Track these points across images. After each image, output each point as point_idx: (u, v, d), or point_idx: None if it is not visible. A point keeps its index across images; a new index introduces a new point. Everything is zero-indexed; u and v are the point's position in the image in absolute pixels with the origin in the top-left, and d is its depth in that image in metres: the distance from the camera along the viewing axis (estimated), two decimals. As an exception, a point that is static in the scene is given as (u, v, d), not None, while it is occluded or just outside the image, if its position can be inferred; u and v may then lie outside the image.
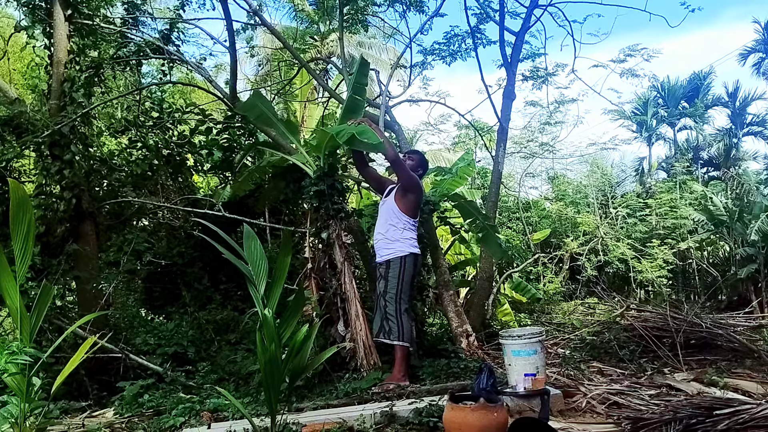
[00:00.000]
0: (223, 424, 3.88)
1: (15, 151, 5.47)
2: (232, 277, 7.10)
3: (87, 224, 6.00)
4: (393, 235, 4.81)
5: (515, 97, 7.42)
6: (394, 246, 4.80)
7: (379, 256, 4.90)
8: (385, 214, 4.91)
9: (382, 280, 4.80)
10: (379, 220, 5.00)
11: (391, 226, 4.84)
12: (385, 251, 4.84)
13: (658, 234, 11.86)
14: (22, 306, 2.57)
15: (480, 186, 13.66)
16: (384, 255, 4.84)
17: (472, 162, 8.63)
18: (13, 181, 2.57)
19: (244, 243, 2.88)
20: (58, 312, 5.42)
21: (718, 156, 22.68)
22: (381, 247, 4.89)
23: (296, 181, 6.68)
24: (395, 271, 4.76)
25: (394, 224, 4.82)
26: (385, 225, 4.88)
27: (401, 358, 4.68)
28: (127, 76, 7.51)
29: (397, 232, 4.80)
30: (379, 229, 4.95)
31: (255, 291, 2.69)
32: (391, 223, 4.83)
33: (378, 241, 4.93)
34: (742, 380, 4.63)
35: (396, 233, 4.80)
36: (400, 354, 4.70)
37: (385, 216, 4.92)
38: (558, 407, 4.01)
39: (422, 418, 3.75)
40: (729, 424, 3.29)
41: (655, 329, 5.88)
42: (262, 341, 2.58)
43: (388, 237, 4.84)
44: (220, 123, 7.50)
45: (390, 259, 4.79)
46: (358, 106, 5.81)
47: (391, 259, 4.79)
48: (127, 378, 4.84)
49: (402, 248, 4.79)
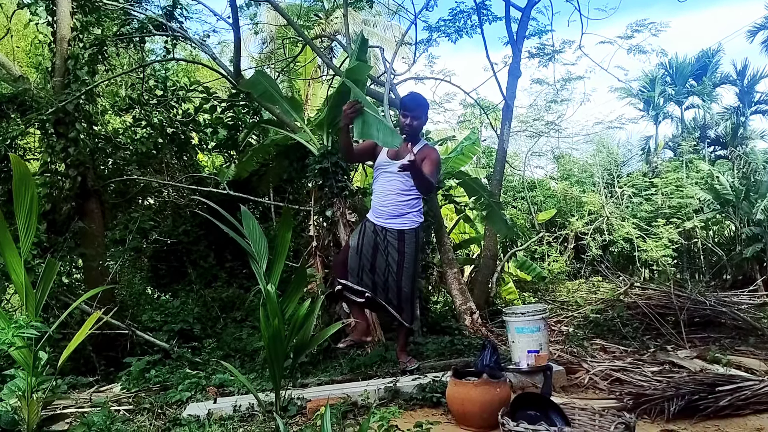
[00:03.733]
0: (229, 399, 3.92)
1: (19, 129, 5.47)
2: (237, 255, 7.14)
3: (92, 202, 6.02)
4: (409, 203, 4.34)
5: (521, 75, 7.35)
6: (410, 216, 4.35)
7: (389, 223, 4.34)
8: (401, 178, 4.27)
9: (396, 252, 4.33)
10: (391, 182, 4.33)
11: (405, 192, 4.31)
12: (399, 220, 4.33)
13: (664, 213, 11.81)
14: (27, 281, 2.59)
15: (485, 165, 13.61)
16: (397, 223, 4.33)
17: (477, 140, 8.58)
18: (14, 156, 2.57)
19: (244, 223, 2.89)
20: (64, 289, 5.47)
21: (725, 135, 22.48)
22: (393, 214, 4.33)
23: (300, 159, 6.68)
24: (412, 246, 4.34)
25: (409, 192, 4.31)
26: (400, 190, 4.31)
27: (406, 339, 4.56)
28: (130, 54, 7.48)
29: (412, 201, 4.34)
30: (390, 193, 4.33)
31: (257, 267, 2.70)
32: (405, 190, 4.30)
33: (390, 206, 4.33)
34: (745, 357, 4.64)
35: (412, 202, 4.34)
36: (405, 335, 4.52)
37: (400, 180, 4.29)
38: (560, 383, 4.04)
39: (426, 394, 3.78)
40: (731, 400, 3.31)
41: (659, 307, 5.89)
42: (265, 317, 2.60)
43: (402, 203, 4.32)
44: (225, 101, 7.48)
45: (405, 230, 4.33)
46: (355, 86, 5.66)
47: (406, 230, 4.33)
48: (134, 354, 4.89)
49: (416, 219, 4.37)
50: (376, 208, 4.37)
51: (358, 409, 3.56)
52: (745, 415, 3.27)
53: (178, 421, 3.35)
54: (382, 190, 4.36)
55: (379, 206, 4.35)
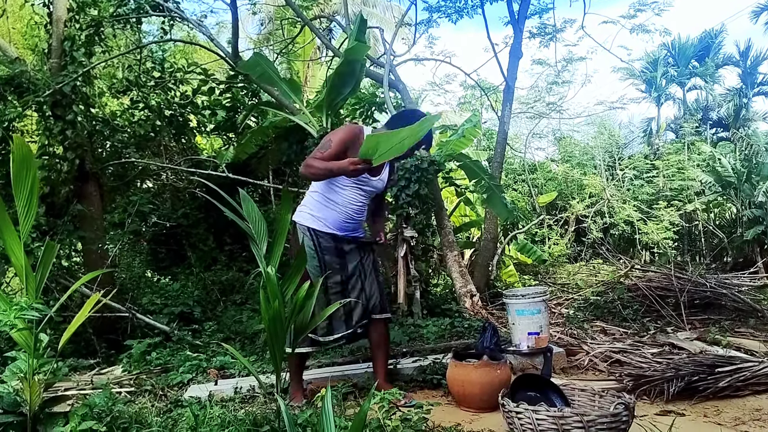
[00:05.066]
0: (230, 381, 3.94)
1: (17, 111, 5.42)
2: (237, 238, 7.14)
3: (91, 185, 5.99)
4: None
5: (522, 56, 7.30)
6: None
7: (360, 233, 3.67)
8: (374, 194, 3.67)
9: (372, 255, 3.73)
10: (365, 197, 3.58)
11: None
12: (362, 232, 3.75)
13: (665, 196, 11.78)
14: (27, 264, 2.58)
15: (486, 147, 13.56)
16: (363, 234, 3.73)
17: (478, 123, 8.53)
18: (17, 137, 2.53)
19: (243, 206, 2.87)
20: (64, 272, 5.47)
21: (727, 116, 22.33)
22: (360, 227, 3.68)
23: (299, 141, 6.64)
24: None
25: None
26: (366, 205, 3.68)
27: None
28: (127, 35, 7.41)
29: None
30: (364, 207, 3.62)
31: (257, 249, 2.69)
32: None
33: (359, 220, 3.64)
34: (745, 339, 4.65)
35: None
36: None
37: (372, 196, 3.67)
38: (560, 365, 4.05)
39: (426, 376, 3.80)
40: (730, 381, 3.32)
41: (659, 289, 5.89)
42: (265, 298, 2.59)
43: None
44: (223, 83, 7.42)
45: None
46: (353, 67, 5.61)
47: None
48: (135, 337, 4.90)
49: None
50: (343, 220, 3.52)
51: (358, 391, 3.57)
52: (744, 396, 3.28)
53: (179, 402, 3.36)
54: (357, 202, 3.53)
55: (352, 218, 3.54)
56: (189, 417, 2.74)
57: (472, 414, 3.13)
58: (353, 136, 3.37)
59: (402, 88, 6.91)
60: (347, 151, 3.30)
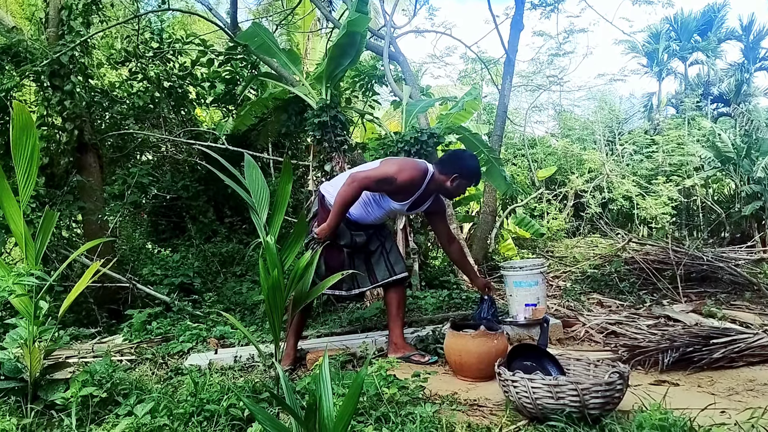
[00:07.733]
0: (230, 350, 3.98)
1: (14, 81, 5.39)
2: (237, 210, 7.15)
3: (90, 156, 5.98)
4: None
5: (523, 27, 7.23)
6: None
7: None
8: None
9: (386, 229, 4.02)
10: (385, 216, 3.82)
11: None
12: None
13: (664, 171, 11.78)
14: (26, 232, 2.59)
15: (486, 121, 13.50)
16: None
17: (478, 96, 8.49)
18: (17, 104, 2.52)
19: (246, 172, 2.86)
20: (65, 242, 5.49)
21: (728, 92, 22.20)
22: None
23: (299, 113, 6.62)
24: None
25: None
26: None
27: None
28: (125, 5, 7.32)
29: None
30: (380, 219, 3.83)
31: (257, 218, 2.69)
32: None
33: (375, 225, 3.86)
34: (740, 312, 4.68)
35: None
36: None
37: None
38: (557, 336, 4.09)
39: (424, 345, 3.84)
40: (725, 352, 3.35)
41: (656, 262, 5.92)
42: (265, 268, 2.61)
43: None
44: (222, 54, 7.36)
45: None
46: (353, 38, 5.54)
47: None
48: (135, 307, 4.94)
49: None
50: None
51: (357, 360, 3.61)
52: (738, 367, 3.31)
53: (179, 370, 3.40)
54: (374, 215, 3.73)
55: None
56: (189, 384, 2.78)
57: (469, 383, 3.17)
58: (419, 180, 3.51)
59: (402, 60, 6.86)
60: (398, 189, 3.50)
